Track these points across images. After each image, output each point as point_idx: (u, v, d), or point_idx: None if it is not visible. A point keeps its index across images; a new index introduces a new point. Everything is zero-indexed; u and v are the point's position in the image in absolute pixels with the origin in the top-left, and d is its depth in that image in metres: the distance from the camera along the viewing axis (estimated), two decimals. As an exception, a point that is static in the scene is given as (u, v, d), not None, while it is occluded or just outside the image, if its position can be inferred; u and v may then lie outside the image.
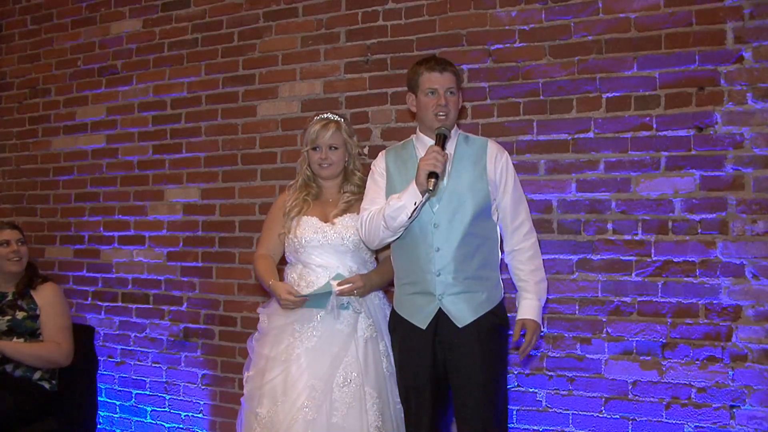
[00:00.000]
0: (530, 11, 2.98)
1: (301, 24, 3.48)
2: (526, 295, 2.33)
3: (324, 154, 2.53)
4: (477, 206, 2.29)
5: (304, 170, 2.60)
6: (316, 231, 2.48)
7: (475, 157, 2.34)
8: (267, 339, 2.45)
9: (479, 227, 2.31)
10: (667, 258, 2.71)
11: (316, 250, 2.48)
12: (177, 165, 3.77)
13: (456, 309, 2.27)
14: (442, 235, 2.29)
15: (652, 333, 2.73)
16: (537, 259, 2.34)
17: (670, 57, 2.74)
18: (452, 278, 2.26)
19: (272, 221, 2.60)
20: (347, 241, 2.47)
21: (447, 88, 2.32)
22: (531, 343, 2.32)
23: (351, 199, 2.55)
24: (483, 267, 2.30)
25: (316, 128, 2.53)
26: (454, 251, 2.27)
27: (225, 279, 3.60)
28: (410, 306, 2.35)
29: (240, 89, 3.61)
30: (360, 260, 2.52)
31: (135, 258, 3.87)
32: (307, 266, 2.49)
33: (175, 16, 3.81)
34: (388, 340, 2.47)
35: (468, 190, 2.30)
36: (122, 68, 3.95)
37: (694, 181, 2.70)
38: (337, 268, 2.46)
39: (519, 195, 2.36)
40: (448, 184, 2.32)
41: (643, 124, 2.78)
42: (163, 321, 3.76)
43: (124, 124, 3.94)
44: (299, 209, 2.52)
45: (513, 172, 2.36)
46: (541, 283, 2.34)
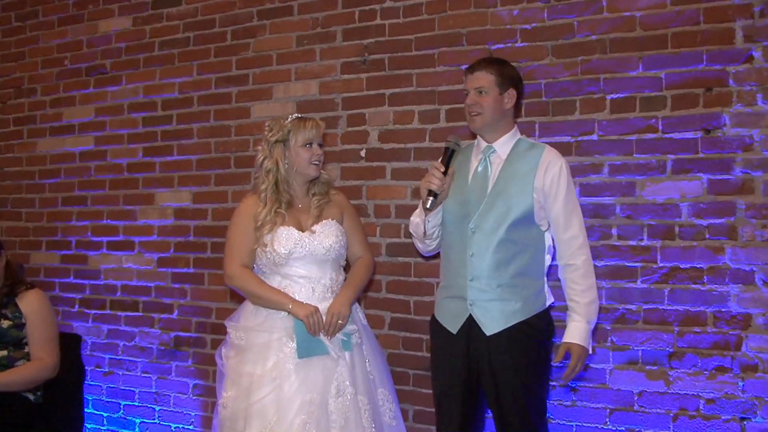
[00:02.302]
0: (532, 10, 2.98)
1: (296, 23, 3.47)
2: (574, 317, 2.29)
3: (318, 151, 2.54)
4: (517, 213, 2.30)
5: (280, 170, 2.50)
6: (297, 242, 2.46)
7: (528, 164, 2.35)
8: (248, 356, 2.41)
9: (519, 234, 2.31)
10: (673, 264, 2.71)
11: (298, 262, 2.47)
12: (168, 168, 3.77)
13: (485, 316, 2.29)
14: (478, 240, 2.31)
15: (658, 342, 2.72)
16: (590, 278, 2.30)
17: (676, 57, 2.73)
18: (485, 284, 2.28)
19: (242, 232, 2.51)
20: (330, 250, 2.50)
21: (476, 88, 2.36)
22: (575, 369, 2.29)
23: (321, 203, 2.57)
24: (520, 275, 2.30)
25: (309, 125, 2.54)
26: (489, 257, 2.29)
27: (217, 286, 3.59)
28: (445, 310, 2.40)
29: (233, 90, 3.61)
30: (337, 267, 2.57)
31: (124, 264, 3.86)
32: (288, 278, 2.48)
33: (166, 14, 3.80)
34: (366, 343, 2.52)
35: (511, 197, 2.31)
36: (111, 68, 3.94)
37: (701, 185, 2.69)
38: (319, 279, 2.47)
39: (572, 206, 2.33)
40: (492, 189, 2.34)
41: (649, 126, 2.77)
42: (153, 329, 3.75)
43: (113, 126, 3.93)
44: (272, 224, 2.47)
45: (567, 182, 2.33)
46: (591, 305, 2.29)
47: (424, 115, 3.18)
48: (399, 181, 3.22)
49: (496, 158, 2.40)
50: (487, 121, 2.37)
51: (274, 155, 2.52)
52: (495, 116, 2.37)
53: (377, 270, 3.17)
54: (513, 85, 2.40)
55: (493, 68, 2.37)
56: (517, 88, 2.41)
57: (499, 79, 2.36)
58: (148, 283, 3.79)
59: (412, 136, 3.21)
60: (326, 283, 2.49)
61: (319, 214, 2.54)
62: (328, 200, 2.60)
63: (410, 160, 3.20)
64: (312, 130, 2.53)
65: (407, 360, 3.16)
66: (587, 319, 2.27)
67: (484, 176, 2.38)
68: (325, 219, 2.54)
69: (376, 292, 3.24)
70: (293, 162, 2.53)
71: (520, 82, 2.46)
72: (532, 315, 2.31)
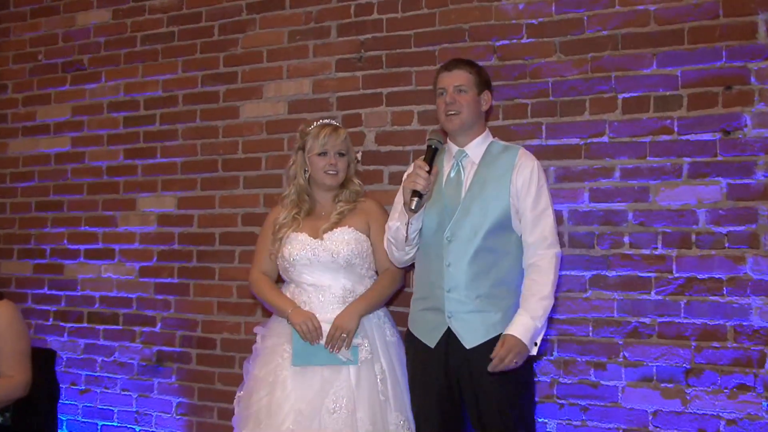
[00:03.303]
0: (539, 4, 2.98)
1: (288, 17, 3.47)
2: (519, 312, 2.26)
3: (333, 160, 2.62)
4: (494, 219, 2.31)
5: (299, 179, 2.67)
6: (304, 248, 2.55)
7: (502, 167, 2.37)
8: (259, 359, 2.56)
9: (496, 242, 2.31)
10: (690, 275, 2.70)
11: (306, 269, 2.56)
12: (151, 171, 3.75)
13: (464, 329, 2.29)
14: (455, 249, 2.31)
15: (674, 358, 2.71)
16: (547, 276, 2.27)
17: (693, 53, 2.73)
18: (464, 296, 2.28)
19: (264, 239, 2.71)
20: (338, 257, 2.53)
21: (456, 86, 2.38)
22: (503, 359, 2.19)
23: (344, 210, 2.63)
24: (499, 285, 2.30)
25: (325, 132, 2.62)
26: (466, 267, 2.29)
27: (203, 297, 3.59)
28: (421, 323, 2.40)
29: (221, 88, 3.61)
30: (355, 276, 2.58)
31: (103, 274, 3.84)
32: (299, 286, 2.58)
33: (149, 7, 3.79)
34: (386, 361, 2.51)
35: (486, 202, 2.32)
36: (89, 64, 3.92)
37: (720, 190, 2.68)
38: (329, 287, 2.53)
39: (543, 207, 2.33)
40: (466, 194, 2.35)
41: (664, 127, 2.77)
42: (134, 344, 3.73)
43: (92, 126, 3.91)
44: (288, 228, 2.61)
45: (539, 182, 2.35)
46: (540, 302, 2.24)
47: (424, 116, 3.18)
48: (397, 186, 3.08)
49: (468, 162, 2.42)
50: (465, 120, 2.39)
51: (297, 162, 2.68)
52: (472, 116, 2.40)
53: None
54: (488, 88, 2.47)
55: (471, 68, 2.42)
56: (491, 92, 2.49)
57: (477, 78, 2.41)
58: (129, 294, 3.77)
59: (411, 138, 3.20)
60: (336, 292, 2.53)
61: (338, 221, 2.60)
62: (353, 207, 2.66)
63: (409, 163, 3.15)
64: (325, 138, 2.61)
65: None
66: (531, 315, 2.22)
67: (458, 182, 2.40)
68: (343, 226, 2.59)
69: None
70: (312, 172, 2.66)
71: (492, 87, 2.55)
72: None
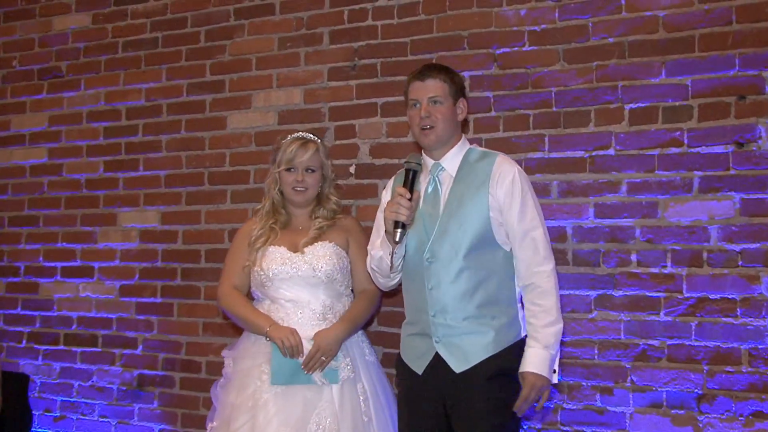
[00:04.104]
0: (541, 9, 2.97)
1: (278, 23, 3.47)
2: (530, 342, 2.23)
3: (300, 176, 2.62)
4: (474, 236, 2.25)
5: (273, 193, 2.68)
6: (284, 262, 2.54)
7: (479, 177, 2.31)
8: (232, 384, 2.51)
9: (480, 260, 2.27)
10: (701, 295, 2.69)
11: (285, 284, 2.54)
12: (133, 184, 3.74)
13: (453, 353, 2.26)
14: (436, 271, 2.28)
15: (685, 382, 2.69)
16: (549, 298, 2.22)
17: (705, 61, 2.73)
18: (450, 319, 2.25)
19: (237, 251, 2.68)
20: (319, 272, 2.54)
21: (430, 98, 2.32)
22: (527, 399, 2.20)
23: (323, 226, 2.64)
24: (487, 305, 2.26)
25: (293, 147, 2.62)
26: (450, 289, 2.25)
27: (188, 317, 3.57)
28: (409, 349, 2.38)
29: (207, 97, 3.61)
30: (334, 293, 2.59)
31: (81, 293, 3.82)
32: (276, 302, 2.56)
33: (131, 11, 3.80)
34: (367, 381, 2.55)
35: (464, 218, 2.27)
36: (68, 71, 3.92)
37: (733, 206, 2.67)
38: (308, 303, 2.53)
39: (530, 219, 2.27)
40: (443, 211, 2.30)
41: (673, 139, 2.76)
42: (114, 367, 3.70)
43: (70, 136, 3.90)
44: (265, 239, 2.60)
45: (522, 191, 2.26)
46: (550, 328, 2.20)
47: None
48: None
49: (445, 176, 2.37)
50: (440, 134, 2.33)
51: (272, 175, 2.68)
52: (449, 129, 2.34)
53: None
54: (463, 95, 2.41)
55: (446, 75, 2.34)
56: (466, 98, 2.43)
57: (452, 87, 2.34)
58: (109, 315, 3.75)
59: (407, 151, 3.02)
60: (316, 308, 2.53)
61: (316, 236, 2.61)
62: (333, 224, 2.66)
63: None
64: (292, 153, 2.61)
65: (401, 402, 3.07)
66: (543, 344, 2.19)
67: (435, 198, 2.35)
68: (323, 241, 2.60)
69: (368, 325, 3.14)
70: (281, 187, 2.66)
71: (466, 93, 2.51)
72: (503, 348, 2.26)
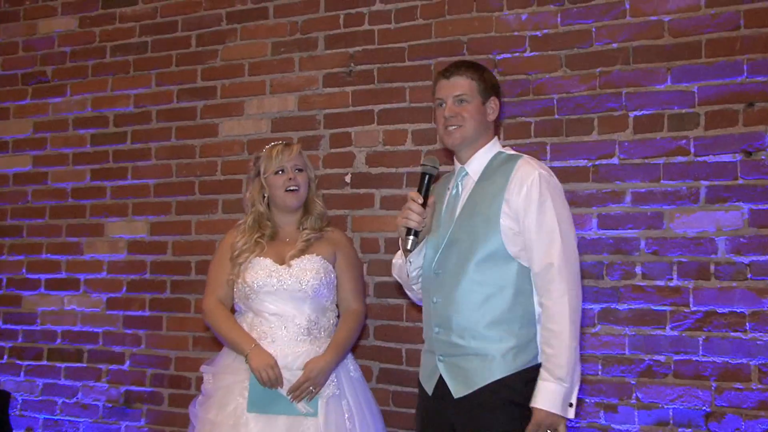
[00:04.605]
0: (543, 14, 2.97)
1: (271, 27, 3.46)
2: (542, 374, 2.06)
3: (292, 174, 2.63)
4: (484, 247, 2.14)
5: (257, 205, 2.67)
6: (270, 274, 2.54)
7: (498, 183, 2.19)
8: (212, 401, 2.50)
9: (489, 275, 2.15)
10: (709, 308, 2.68)
11: (270, 297, 2.54)
12: (121, 194, 3.72)
13: (454, 375, 2.15)
14: (441, 284, 2.20)
15: (692, 399, 2.67)
16: (561, 319, 2.05)
17: (711, 67, 2.73)
18: (454, 337, 2.16)
19: (219, 263, 2.67)
20: (306, 285, 2.54)
21: (456, 96, 2.23)
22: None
23: (311, 237, 2.64)
24: (496, 324, 2.13)
25: (277, 149, 2.65)
26: (454, 304, 2.15)
27: (177, 331, 3.55)
28: (422, 367, 2.32)
29: (198, 104, 3.60)
30: (320, 308, 2.60)
31: (66, 306, 3.79)
32: (259, 315, 2.56)
33: (120, 15, 3.79)
34: (352, 398, 2.55)
35: (475, 227, 2.16)
36: (53, 76, 3.91)
37: (741, 216, 2.66)
38: (293, 318, 2.53)
39: (549, 228, 2.10)
40: (456, 220, 2.22)
41: (679, 147, 2.75)
42: (100, 383, 3.67)
43: (56, 144, 3.88)
44: (249, 253, 2.59)
45: (541, 197, 2.09)
46: (562, 356, 2.02)
47: (419, 135, 3.17)
48: (389, 211, 3.19)
49: (468, 181, 2.27)
50: (467, 135, 2.23)
51: (254, 189, 2.69)
52: (477, 129, 2.23)
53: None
54: (495, 93, 2.29)
55: (474, 72, 2.24)
56: (498, 97, 2.31)
57: (481, 85, 2.24)
58: (95, 329, 3.72)
59: (405, 159, 3.18)
60: (301, 323, 2.53)
61: (304, 248, 2.61)
62: (320, 236, 2.67)
63: (402, 186, 3.17)
64: (280, 155, 2.63)
65: (399, 419, 3.08)
66: (555, 376, 2.02)
67: (454, 205, 2.26)
68: (311, 254, 2.61)
69: (363, 339, 3.18)
70: (271, 194, 2.65)
71: (500, 91, 2.34)
72: (512, 373, 2.11)
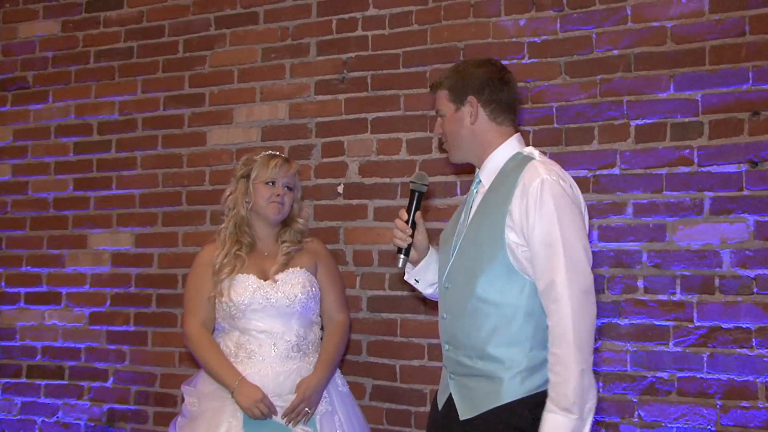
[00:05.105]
0: (542, 20, 2.97)
1: (262, 33, 3.46)
2: (548, 406, 1.94)
3: (281, 191, 2.62)
4: (488, 263, 2.03)
5: (239, 208, 2.65)
6: (255, 291, 2.53)
7: (504, 190, 2.05)
8: (199, 423, 2.50)
9: (496, 292, 2.04)
10: (713, 324, 2.67)
11: (257, 314, 2.53)
12: (105, 204, 3.70)
13: (463, 396, 2.07)
14: (450, 299, 2.14)
15: (697, 418, 2.66)
16: (565, 343, 1.90)
17: (716, 75, 2.73)
18: (461, 355, 2.08)
19: (198, 280, 2.63)
20: (295, 301, 2.54)
21: (437, 112, 2.17)
22: None
23: (291, 251, 2.64)
24: (503, 345, 2.03)
25: (276, 162, 2.64)
26: (460, 321, 2.09)
27: (163, 347, 3.52)
28: (441, 377, 2.25)
29: (186, 112, 3.59)
30: (307, 322, 2.61)
31: (47, 321, 3.77)
32: (247, 333, 2.54)
33: (104, 19, 3.78)
34: (342, 413, 2.58)
35: (481, 241, 2.06)
36: (34, 81, 3.89)
37: (746, 228, 2.65)
38: (282, 334, 2.52)
39: (550, 240, 1.94)
40: (465, 233, 2.12)
41: (682, 157, 2.75)
42: (82, 401, 3.64)
43: (37, 152, 3.87)
44: (231, 268, 2.57)
45: (541, 206, 1.93)
46: (568, 382, 1.85)
47: (413, 144, 3.16)
48: (383, 223, 3.19)
49: (481, 189, 2.16)
50: (454, 149, 2.13)
51: (238, 191, 2.66)
52: (464, 140, 2.10)
53: (356, 328, 3.14)
54: (473, 91, 2.07)
55: (446, 80, 2.12)
56: (480, 92, 2.07)
57: (452, 92, 2.09)
58: (78, 344, 3.69)
59: (399, 169, 3.17)
60: (291, 339, 2.54)
61: (286, 262, 2.61)
62: (300, 248, 2.67)
63: (396, 197, 3.16)
64: (276, 168, 2.62)
65: (392, 438, 3.10)
66: (561, 406, 1.86)
67: (467, 216, 2.19)
68: (294, 267, 2.61)
69: (355, 355, 3.18)
70: (253, 200, 2.63)
71: (489, 82, 2.08)
72: (518, 399, 1.99)
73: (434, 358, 3.00)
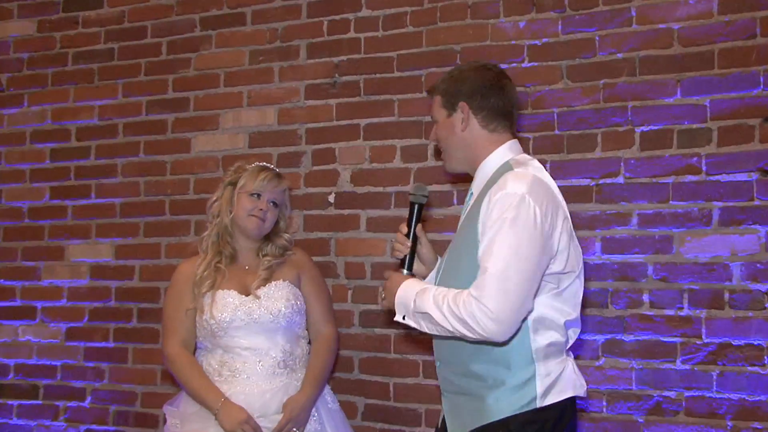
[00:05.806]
0: (543, 21, 2.97)
1: (249, 34, 3.45)
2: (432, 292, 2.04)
3: (264, 206, 2.62)
4: (466, 278, 2.00)
5: (222, 216, 2.65)
6: (237, 308, 2.53)
7: (480, 205, 2.06)
8: None
9: None
10: (723, 340, 2.66)
11: (240, 331, 2.53)
12: (83, 214, 3.68)
13: (454, 414, 2.12)
14: None
15: None
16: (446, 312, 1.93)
17: (725, 79, 2.72)
18: (450, 371, 2.12)
19: (175, 299, 2.64)
20: (279, 316, 2.55)
21: (432, 116, 2.17)
22: None
23: (272, 264, 2.65)
24: (487, 362, 2.04)
25: (265, 176, 2.64)
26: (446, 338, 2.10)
27: (144, 364, 3.49)
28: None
29: (169, 117, 3.57)
30: (293, 336, 2.62)
31: (20, 337, 3.74)
32: (230, 351, 2.54)
33: (83, 19, 3.76)
34: (331, 430, 2.61)
35: (459, 256, 2.09)
36: (9, 84, 3.87)
37: (758, 240, 2.64)
38: (268, 351, 2.53)
39: (494, 258, 1.89)
40: (452, 246, 2.16)
41: (690, 166, 2.74)
42: (57, 422, 3.62)
43: (11, 159, 3.85)
44: (212, 281, 2.57)
45: (490, 220, 1.91)
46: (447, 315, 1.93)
47: (408, 152, 3.15)
48: (376, 234, 3.18)
49: (472, 200, 2.16)
50: (448, 157, 2.15)
51: (224, 198, 2.67)
52: (456, 148, 2.10)
53: (348, 344, 3.15)
54: (464, 97, 2.07)
55: (440, 85, 2.13)
56: (471, 98, 2.07)
57: (444, 98, 2.10)
58: (53, 362, 3.66)
59: (393, 178, 3.17)
60: (276, 355, 2.55)
61: (267, 276, 2.62)
62: (282, 261, 2.68)
63: (390, 207, 3.16)
64: (264, 181, 2.62)
65: (386, 460, 3.10)
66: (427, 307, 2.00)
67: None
68: (276, 280, 2.62)
69: (347, 372, 3.17)
70: (235, 211, 2.63)
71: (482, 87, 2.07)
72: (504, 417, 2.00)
73: (429, 375, 2.96)
